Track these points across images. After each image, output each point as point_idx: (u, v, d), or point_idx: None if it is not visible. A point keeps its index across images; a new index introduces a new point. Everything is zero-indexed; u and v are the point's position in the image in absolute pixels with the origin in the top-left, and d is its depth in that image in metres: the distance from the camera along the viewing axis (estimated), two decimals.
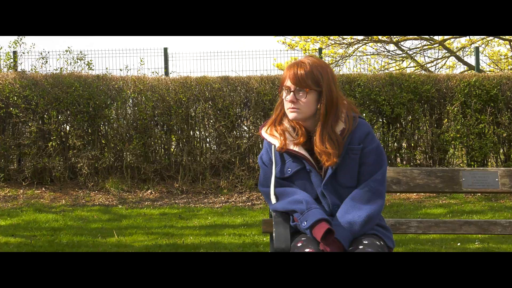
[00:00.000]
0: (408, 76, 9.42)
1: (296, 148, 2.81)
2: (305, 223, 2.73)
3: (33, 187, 8.87)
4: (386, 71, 13.13)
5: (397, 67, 14.66)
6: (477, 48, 11.12)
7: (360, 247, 2.70)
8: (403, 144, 9.53)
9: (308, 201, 2.78)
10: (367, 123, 2.87)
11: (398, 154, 9.60)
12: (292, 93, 2.73)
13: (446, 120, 9.44)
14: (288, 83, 2.74)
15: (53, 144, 8.94)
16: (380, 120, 9.55)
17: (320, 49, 11.63)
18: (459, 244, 5.79)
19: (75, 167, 9.09)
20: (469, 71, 11.91)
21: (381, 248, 2.74)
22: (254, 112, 9.24)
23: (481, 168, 3.25)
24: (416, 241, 5.91)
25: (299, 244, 2.74)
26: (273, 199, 2.85)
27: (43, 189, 8.92)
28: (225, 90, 9.26)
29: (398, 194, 9.24)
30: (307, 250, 2.69)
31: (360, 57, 14.40)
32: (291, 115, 2.77)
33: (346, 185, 2.81)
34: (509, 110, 9.29)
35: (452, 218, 7.42)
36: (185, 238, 6.14)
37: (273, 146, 2.85)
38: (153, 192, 8.91)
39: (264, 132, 2.88)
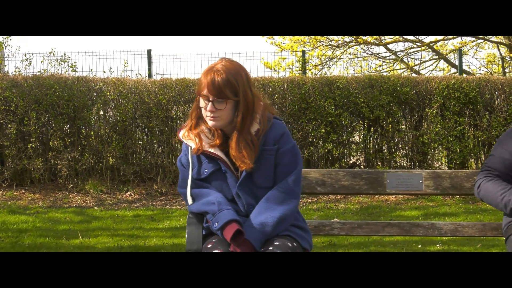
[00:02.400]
0: (387, 79, 9.39)
1: (211, 150, 2.83)
2: (216, 224, 2.75)
3: (13, 189, 8.91)
4: (379, 73, 13.07)
5: (389, 69, 14.61)
6: (460, 50, 11.10)
7: (270, 248, 2.71)
8: (384, 146, 9.51)
9: (220, 202, 2.79)
10: (283, 123, 2.89)
11: (378, 157, 9.58)
12: (211, 103, 2.74)
13: (425, 122, 9.42)
14: (206, 92, 2.75)
15: (33, 145, 8.98)
16: (361, 122, 9.53)
17: (304, 52, 11.62)
18: (420, 246, 5.78)
19: (55, 168, 9.12)
20: (453, 74, 11.88)
21: (293, 249, 2.74)
22: None
23: (406, 170, 3.27)
24: (378, 243, 5.90)
25: (210, 246, 2.76)
26: (189, 200, 2.88)
27: (23, 190, 8.96)
28: None
29: (377, 196, 9.23)
30: (216, 251, 2.70)
31: (352, 60, 14.39)
32: (210, 123, 2.78)
33: (262, 186, 2.82)
34: (487, 112, 9.26)
35: (425, 220, 7.40)
36: (149, 240, 6.16)
37: (189, 148, 2.87)
38: (132, 194, 8.93)
39: (182, 135, 2.90)
